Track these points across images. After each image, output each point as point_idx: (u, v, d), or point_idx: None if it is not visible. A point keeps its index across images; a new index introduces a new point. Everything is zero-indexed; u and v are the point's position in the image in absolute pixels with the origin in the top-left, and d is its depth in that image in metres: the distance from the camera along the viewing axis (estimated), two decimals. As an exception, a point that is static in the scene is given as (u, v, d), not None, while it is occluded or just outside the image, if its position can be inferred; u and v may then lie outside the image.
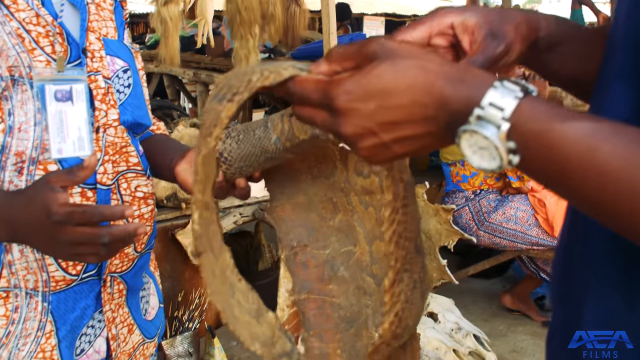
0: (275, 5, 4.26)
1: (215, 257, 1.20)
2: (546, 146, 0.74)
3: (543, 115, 0.75)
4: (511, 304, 4.60)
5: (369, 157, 0.86)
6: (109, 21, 1.60)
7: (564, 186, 0.76)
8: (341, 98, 0.82)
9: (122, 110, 1.54)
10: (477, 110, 0.76)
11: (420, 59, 0.81)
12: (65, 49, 1.44)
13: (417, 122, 0.81)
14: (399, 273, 0.93)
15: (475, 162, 0.79)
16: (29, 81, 1.37)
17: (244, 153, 1.41)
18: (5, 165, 1.37)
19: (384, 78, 0.81)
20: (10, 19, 1.38)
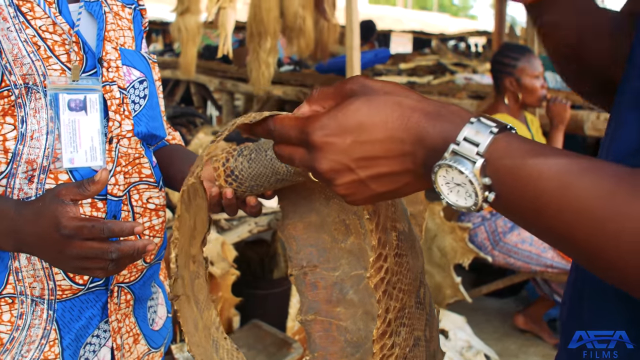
0: (305, 19, 4.28)
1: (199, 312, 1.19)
2: (520, 182, 0.73)
3: (518, 150, 0.74)
4: (524, 325, 4.56)
5: (346, 196, 0.86)
6: (127, 30, 1.59)
7: (538, 224, 0.75)
8: (317, 133, 0.82)
9: (136, 122, 1.53)
10: (452, 146, 0.75)
11: (398, 95, 0.81)
12: (80, 58, 1.43)
13: (394, 158, 0.80)
14: (390, 324, 0.91)
15: (452, 200, 0.79)
16: (43, 89, 1.37)
17: (255, 173, 1.40)
18: (16, 173, 1.37)
19: (360, 113, 0.81)
20: (27, 26, 1.38)
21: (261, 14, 4.17)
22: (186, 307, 1.13)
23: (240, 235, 3.36)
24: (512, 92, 4.13)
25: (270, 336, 3.16)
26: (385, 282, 0.89)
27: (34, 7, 1.40)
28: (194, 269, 1.17)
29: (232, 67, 7.04)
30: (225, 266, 3.12)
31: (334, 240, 1.51)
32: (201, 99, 9.07)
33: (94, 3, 1.51)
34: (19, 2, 1.39)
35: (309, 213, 1.52)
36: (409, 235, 0.96)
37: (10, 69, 1.35)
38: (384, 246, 0.89)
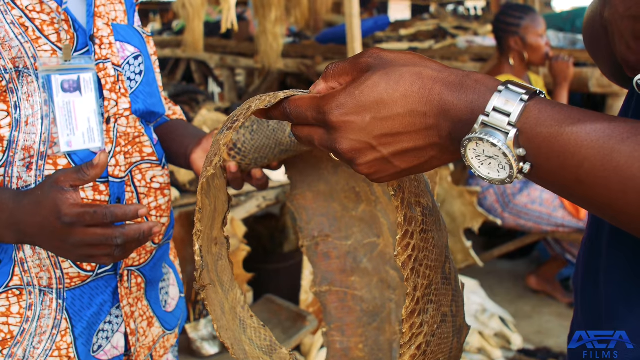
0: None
1: (225, 293, 1.16)
2: (558, 151, 0.69)
3: (552, 118, 0.70)
4: (536, 285, 4.55)
5: (370, 174, 0.82)
6: (118, 4, 1.53)
7: (580, 192, 0.71)
8: (334, 112, 0.79)
9: (133, 99, 1.48)
10: (481, 117, 0.72)
11: (417, 66, 0.77)
12: (71, 37, 1.38)
13: (417, 132, 0.77)
14: (419, 302, 0.87)
15: (484, 173, 0.76)
16: (34, 72, 1.32)
17: (258, 145, 1.38)
18: (13, 161, 1.32)
19: (378, 88, 0.77)
20: (12, 7, 1.32)
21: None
22: (212, 293, 1.10)
23: (248, 211, 3.34)
24: (518, 51, 4.07)
25: (285, 310, 3.14)
26: (413, 260, 0.86)
27: None
28: (217, 251, 1.14)
29: (232, 43, 6.98)
30: (235, 242, 3.10)
31: (344, 208, 1.49)
32: (202, 76, 9.02)
33: None
34: None
35: (317, 182, 1.50)
36: (433, 209, 0.93)
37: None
38: (409, 223, 0.86)
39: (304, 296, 3.40)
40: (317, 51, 6.13)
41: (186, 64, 8.91)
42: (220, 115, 3.76)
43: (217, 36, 7.61)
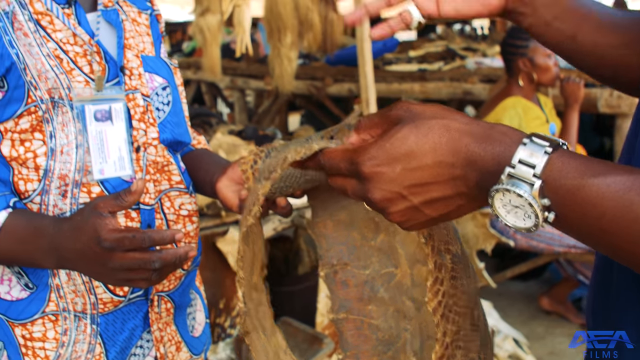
0: (313, 13, 4.28)
1: (267, 338, 1.19)
2: (581, 202, 0.73)
3: (575, 169, 0.74)
4: (549, 306, 4.56)
5: (402, 222, 0.87)
6: (146, 36, 1.59)
7: (603, 242, 0.75)
8: (366, 164, 0.83)
9: (161, 129, 1.53)
10: (508, 169, 0.76)
11: (444, 119, 0.82)
12: (103, 68, 1.43)
13: (445, 182, 0.81)
14: (448, 348, 0.90)
15: (511, 221, 0.79)
16: (69, 103, 1.37)
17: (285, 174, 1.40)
18: (49, 189, 1.37)
19: (408, 140, 0.81)
20: (48, 40, 1.38)
21: (278, 9, 4.17)
22: (255, 338, 1.13)
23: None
24: (526, 72, 4.10)
25: (301, 332, 3.16)
26: (443, 306, 0.89)
27: (53, 20, 1.40)
28: (257, 297, 1.17)
29: (242, 65, 7.04)
30: (251, 265, 3.12)
31: (363, 237, 1.50)
32: (212, 97, 9.09)
33: (111, 11, 1.51)
34: (37, 16, 1.39)
35: (338, 211, 1.52)
36: (462, 257, 0.97)
37: (36, 84, 1.35)
38: (439, 269, 0.90)
39: (319, 319, 3.42)
40: (327, 73, 6.18)
41: (196, 86, 8.98)
42: (235, 139, 3.80)
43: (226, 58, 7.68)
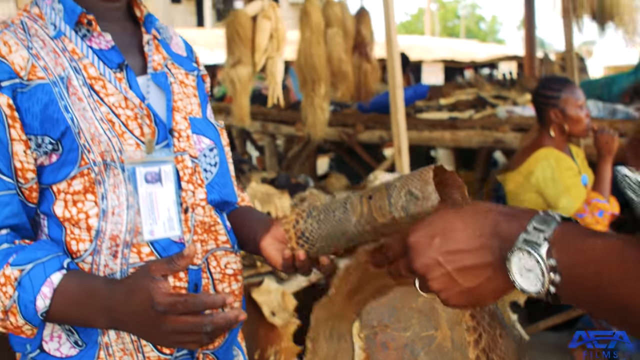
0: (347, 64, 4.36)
1: None
2: (581, 256, 0.85)
3: (578, 234, 0.87)
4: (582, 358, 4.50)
5: (440, 291, 1.01)
6: (193, 97, 1.64)
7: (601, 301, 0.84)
8: (412, 238, 1.03)
9: (209, 190, 1.56)
10: (523, 235, 0.90)
11: (477, 206, 0.99)
12: (153, 131, 1.48)
13: (475, 250, 0.95)
14: None
15: (524, 285, 0.91)
16: (120, 165, 1.41)
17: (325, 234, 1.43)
18: (100, 249, 1.41)
19: (445, 218, 1.00)
20: (101, 104, 1.43)
21: (312, 60, 4.26)
22: None
23: (299, 285, 3.39)
24: (558, 124, 4.10)
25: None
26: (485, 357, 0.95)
27: (106, 84, 1.46)
28: None
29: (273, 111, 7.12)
30: (286, 316, 3.14)
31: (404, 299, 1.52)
32: (242, 141, 9.18)
33: (160, 74, 1.56)
34: (91, 81, 1.44)
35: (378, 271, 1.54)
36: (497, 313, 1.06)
37: (89, 148, 1.40)
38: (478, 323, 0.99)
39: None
40: (359, 120, 6.23)
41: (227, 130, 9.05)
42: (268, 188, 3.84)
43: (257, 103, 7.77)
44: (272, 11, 4.14)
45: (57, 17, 1.47)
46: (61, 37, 1.47)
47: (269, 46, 4.11)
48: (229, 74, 4.10)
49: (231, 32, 4.12)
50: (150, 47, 1.58)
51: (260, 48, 4.09)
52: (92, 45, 1.48)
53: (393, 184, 1.34)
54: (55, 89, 1.41)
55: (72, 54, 1.46)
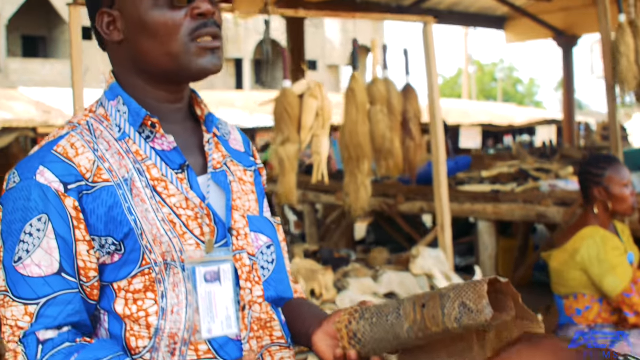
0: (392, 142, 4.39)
1: None
2: None
3: None
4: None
5: None
6: (251, 194, 1.66)
7: None
8: None
9: (266, 287, 1.57)
10: None
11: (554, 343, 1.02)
12: (212, 230, 1.50)
13: None
14: None
15: None
16: (180, 265, 1.43)
17: (377, 337, 1.44)
18: (159, 347, 1.42)
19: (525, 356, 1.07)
20: (163, 205, 1.46)
21: (358, 138, 4.30)
22: None
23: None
24: (602, 201, 4.09)
25: None
26: None
27: (168, 186, 1.49)
28: None
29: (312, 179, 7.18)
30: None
31: None
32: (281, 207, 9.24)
33: (220, 173, 1.59)
34: (154, 182, 1.48)
35: None
36: None
37: (151, 248, 1.43)
38: None
39: None
40: (400, 191, 6.26)
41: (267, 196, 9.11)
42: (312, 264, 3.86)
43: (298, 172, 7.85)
44: (318, 90, 4.21)
45: (121, 119, 1.52)
46: (125, 139, 1.50)
47: (315, 124, 4.17)
48: (278, 151, 4.16)
49: (280, 110, 4.20)
50: (211, 146, 1.61)
51: (307, 126, 4.15)
52: (155, 147, 1.52)
53: (447, 294, 1.36)
54: (120, 191, 1.44)
55: (135, 155, 1.49)
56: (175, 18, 1.47)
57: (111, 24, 1.53)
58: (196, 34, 1.48)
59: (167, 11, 1.47)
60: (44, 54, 31.69)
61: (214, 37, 1.51)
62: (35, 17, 30.33)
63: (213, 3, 1.52)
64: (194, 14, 1.48)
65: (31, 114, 13.42)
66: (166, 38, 1.47)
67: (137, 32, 1.50)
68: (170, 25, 1.47)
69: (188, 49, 1.48)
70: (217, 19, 1.52)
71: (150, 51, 1.49)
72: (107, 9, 1.52)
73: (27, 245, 1.38)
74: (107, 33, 1.54)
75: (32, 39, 31.71)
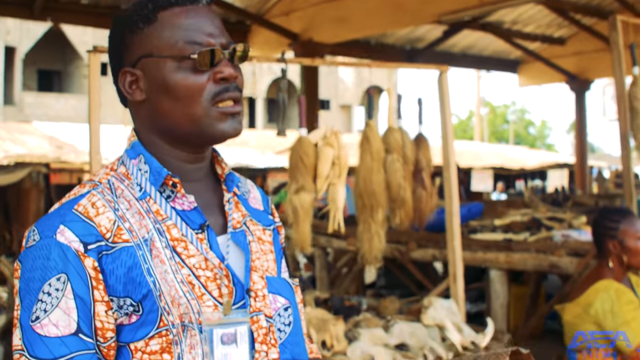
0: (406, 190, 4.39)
1: None
2: None
3: None
4: None
5: None
6: (269, 254, 1.65)
7: None
8: None
9: (282, 349, 1.56)
10: None
11: None
12: (230, 291, 1.48)
13: None
14: None
15: None
16: (197, 326, 1.42)
17: None
18: None
19: None
20: (182, 266, 1.45)
21: (372, 187, 4.29)
22: None
23: None
24: (617, 255, 4.06)
25: None
26: None
27: (188, 246, 1.48)
28: None
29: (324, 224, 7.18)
30: None
31: None
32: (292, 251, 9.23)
33: (239, 233, 1.58)
34: (174, 242, 1.47)
35: None
36: None
37: (169, 310, 1.42)
38: None
39: None
40: (411, 238, 6.24)
41: (279, 239, 9.08)
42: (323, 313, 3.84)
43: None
44: (334, 139, 4.22)
45: (143, 178, 1.52)
46: (146, 198, 1.50)
47: (331, 173, 4.18)
48: (292, 200, 4.16)
49: (295, 158, 4.20)
50: (231, 206, 1.61)
51: (323, 175, 4.15)
52: (175, 206, 1.51)
53: None
54: (139, 251, 1.44)
55: (156, 215, 1.49)
56: (197, 82, 1.48)
57: (133, 83, 1.54)
58: (218, 98, 1.49)
59: (190, 74, 1.48)
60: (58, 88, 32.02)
61: (235, 101, 1.52)
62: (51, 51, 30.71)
63: (235, 67, 1.53)
64: (217, 78, 1.49)
65: (44, 149, 13.50)
66: (188, 101, 1.48)
67: (159, 93, 1.51)
68: (192, 88, 1.48)
69: (209, 113, 1.49)
70: (239, 82, 1.54)
71: (172, 113, 1.50)
72: (130, 68, 1.53)
73: (45, 304, 1.38)
74: (129, 92, 1.55)
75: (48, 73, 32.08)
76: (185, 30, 1.50)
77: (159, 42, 1.50)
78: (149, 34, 1.51)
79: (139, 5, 1.53)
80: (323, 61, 4.26)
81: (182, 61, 1.48)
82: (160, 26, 1.51)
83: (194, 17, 1.51)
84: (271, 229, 1.72)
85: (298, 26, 10.49)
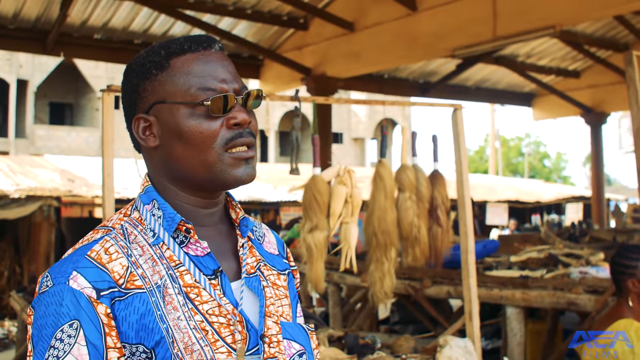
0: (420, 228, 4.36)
1: None
2: None
3: None
4: None
5: None
6: (284, 299, 1.63)
7: None
8: None
9: None
10: None
11: None
12: (244, 337, 1.46)
13: None
14: None
15: None
16: None
17: None
18: None
19: None
20: (195, 312, 1.43)
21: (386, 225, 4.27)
22: None
23: None
24: (636, 293, 4.00)
25: None
26: None
27: (201, 292, 1.46)
28: None
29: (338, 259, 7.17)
30: None
31: None
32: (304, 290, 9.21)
33: (253, 278, 1.57)
34: (187, 289, 1.45)
35: None
36: None
37: (182, 357, 1.39)
38: None
39: None
40: (426, 274, 6.20)
41: (293, 274, 9.05)
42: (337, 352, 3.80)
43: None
44: (347, 177, 4.21)
45: (156, 224, 1.51)
46: (159, 244, 1.49)
47: (343, 211, 4.16)
48: (306, 239, 4.14)
49: (309, 197, 4.19)
50: (245, 251, 1.59)
51: (335, 213, 4.14)
52: (188, 252, 1.50)
53: None
54: (152, 298, 1.42)
55: (169, 260, 1.48)
56: (211, 128, 1.48)
57: (147, 129, 1.53)
58: (231, 144, 1.49)
59: (204, 120, 1.48)
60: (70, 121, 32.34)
61: (249, 146, 1.51)
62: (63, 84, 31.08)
63: (249, 112, 1.52)
64: (230, 124, 1.49)
65: (55, 183, 13.58)
66: (201, 147, 1.48)
67: (172, 139, 1.50)
68: (206, 134, 1.48)
69: (222, 159, 1.48)
70: (253, 127, 1.53)
71: (185, 158, 1.50)
72: (144, 114, 1.53)
73: (58, 351, 1.36)
74: (143, 138, 1.54)
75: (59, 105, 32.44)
76: (198, 76, 1.50)
77: (172, 88, 1.50)
78: (162, 80, 1.51)
79: (152, 52, 1.54)
80: (337, 100, 4.24)
81: (196, 107, 1.48)
82: (173, 73, 1.51)
83: (207, 63, 1.51)
84: (286, 274, 1.71)
85: (311, 61, 10.54)
